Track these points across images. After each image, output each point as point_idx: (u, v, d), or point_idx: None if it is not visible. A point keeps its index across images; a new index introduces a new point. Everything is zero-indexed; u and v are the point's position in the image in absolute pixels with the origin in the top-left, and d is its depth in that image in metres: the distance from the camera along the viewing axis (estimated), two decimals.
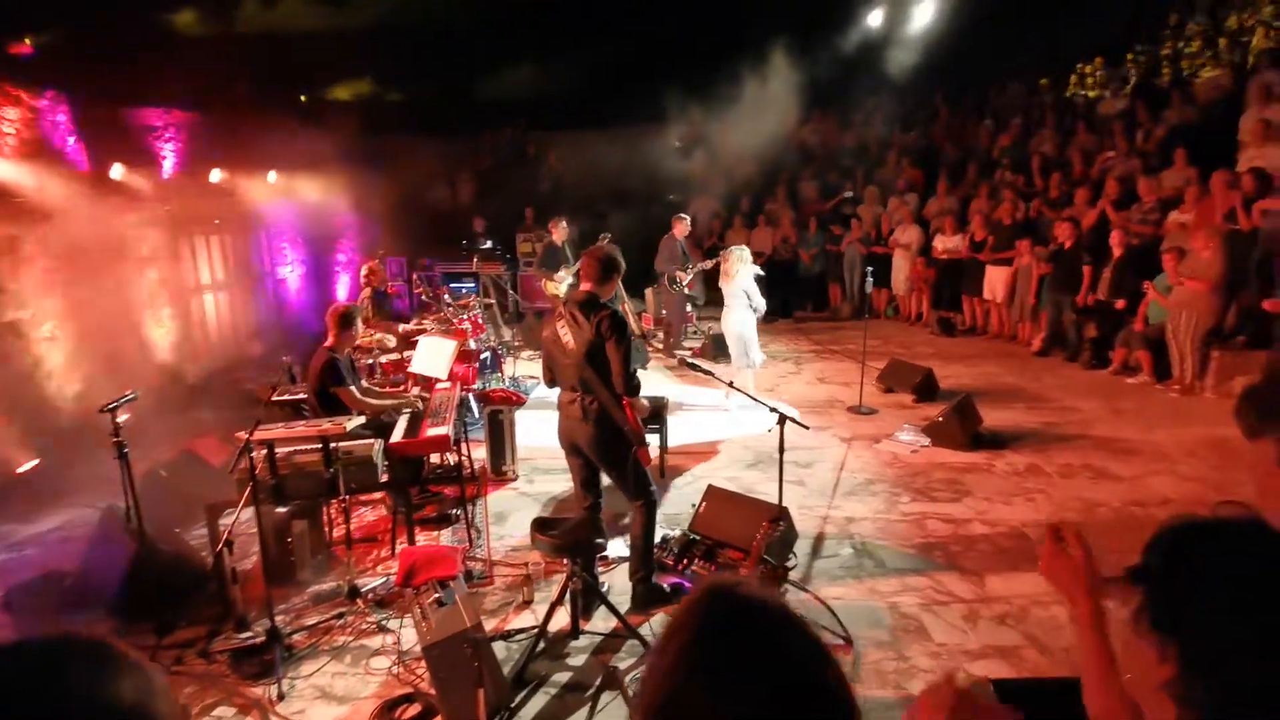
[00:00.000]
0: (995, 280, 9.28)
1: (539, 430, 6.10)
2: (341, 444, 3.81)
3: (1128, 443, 5.69)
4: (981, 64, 13.08)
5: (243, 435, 3.33)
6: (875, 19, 12.93)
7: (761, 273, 6.56)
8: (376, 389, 5.02)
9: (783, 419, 3.43)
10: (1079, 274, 8.02)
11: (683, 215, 8.90)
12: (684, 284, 8.98)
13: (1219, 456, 5.37)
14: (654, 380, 7.83)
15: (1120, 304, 7.70)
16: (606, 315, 3.34)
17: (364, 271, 6.96)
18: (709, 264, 9.17)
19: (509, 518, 4.67)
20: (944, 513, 4.58)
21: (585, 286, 3.46)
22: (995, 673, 2.91)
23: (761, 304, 6.35)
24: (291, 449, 3.78)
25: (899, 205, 11.12)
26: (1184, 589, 0.95)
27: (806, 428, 3.54)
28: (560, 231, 8.57)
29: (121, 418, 3.42)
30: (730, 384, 3.68)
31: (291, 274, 10.48)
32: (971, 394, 6.12)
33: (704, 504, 4.25)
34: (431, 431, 4.12)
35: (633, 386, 3.36)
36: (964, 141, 12.05)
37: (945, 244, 9.94)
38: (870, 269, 7.03)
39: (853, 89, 13.52)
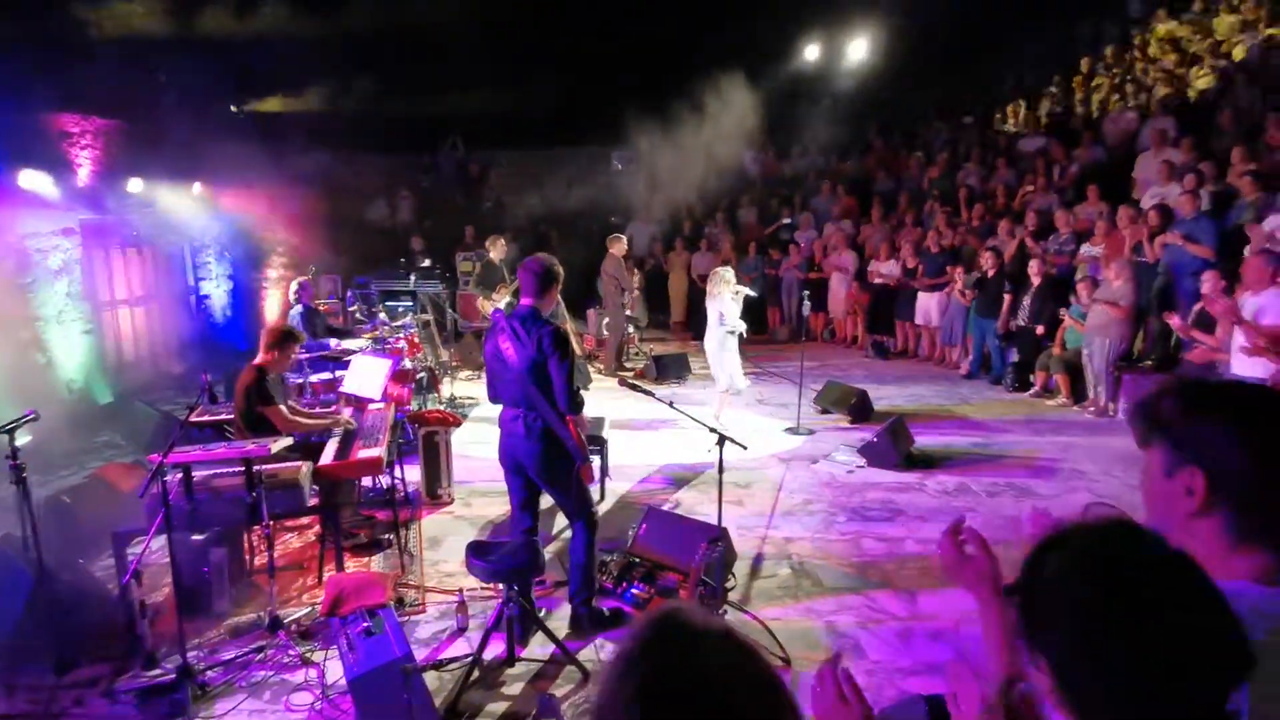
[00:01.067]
0: (928, 305, 9.64)
1: (476, 452, 5.99)
2: (266, 466, 3.65)
3: (1048, 462, 5.94)
4: (911, 99, 13.73)
5: (156, 458, 3.15)
6: (812, 53, 13.42)
7: (753, 293, 6.71)
8: (306, 409, 4.85)
9: (722, 439, 3.46)
10: (1001, 301, 8.42)
11: (619, 235, 8.96)
12: (627, 305, 9.02)
13: (1132, 473, 5.66)
14: (595, 401, 7.79)
15: (1040, 330, 8.11)
16: (549, 331, 3.32)
17: (293, 287, 6.74)
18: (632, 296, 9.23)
19: (444, 542, 4.55)
20: (879, 532, 4.66)
21: (526, 300, 3.43)
22: (930, 689, 2.96)
23: (734, 325, 6.48)
24: (211, 472, 3.60)
25: (835, 231, 11.47)
26: (1038, 602, 0.96)
27: (745, 448, 3.56)
28: (499, 249, 8.52)
29: (21, 440, 3.20)
30: (670, 403, 3.68)
31: (217, 290, 10.07)
32: (904, 415, 6.30)
33: (643, 525, 4.24)
34: (363, 453, 3.99)
35: (576, 403, 3.34)
36: (896, 172, 12.56)
37: (879, 269, 10.31)
38: (807, 293, 7.23)
39: (791, 120, 13.97)
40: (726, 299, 6.57)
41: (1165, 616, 0.88)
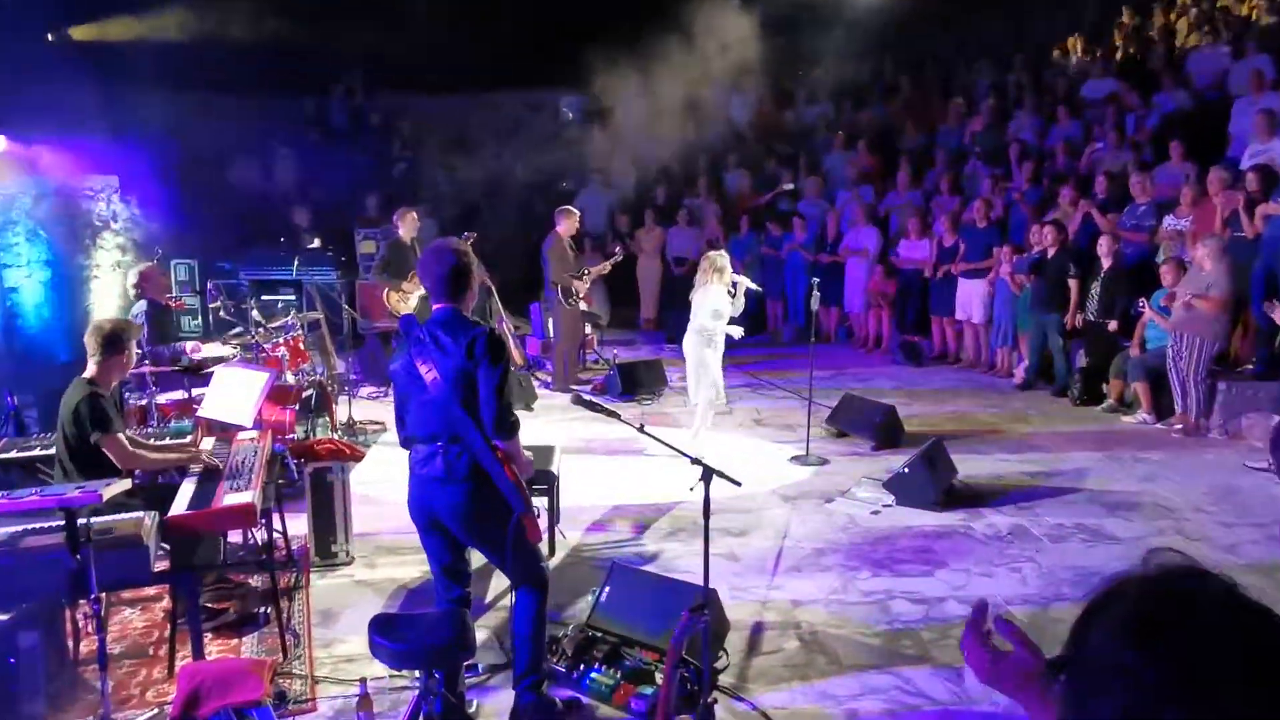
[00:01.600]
0: (971, 295, 9.82)
1: (383, 493, 5.95)
2: (97, 519, 3.57)
3: (1126, 495, 6.08)
4: (949, 30, 13.93)
5: None
6: None
7: (755, 287, 6.77)
8: (153, 440, 4.76)
9: (707, 473, 3.47)
10: (1065, 289, 8.59)
11: (569, 208, 8.99)
12: (580, 296, 9.03)
13: (1229, 510, 5.81)
14: (542, 425, 7.80)
15: (1113, 326, 8.29)
16: (482, 334, 3.32)
17: (132, 278, 6.61)
18: (605, 267, 9.31)
19: (340, 616, 4.50)
20: (913, 590, 4.72)
21: (439, 303, 3.42)
22: None
23: (729, 328, 6.60)
24: (19, 528, 3.50)
25: (851, 201, 11.64)
26: (1084, 675, 0.99)
27: (738, 484, 3.57)
28: (410, 226, 8.50)
29: None
30: (639, 426, 3.68)
31: (29, 281, 9.82)
32: (942, 438, 6.39)
33: (607, 589, 4.24)
34: (230, 499, 3.92)
35: (509, 425, 3.34)
36: (929, 123, 12.76)
37: (909, 250, 10.48)
38: (816, 280, 7.27)
39: (794, 55, 14.13)
40: (719, 293, 6.60)
41: (1224, 689, 0.90)
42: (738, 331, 6.67)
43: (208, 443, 4.80)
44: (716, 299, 6.57)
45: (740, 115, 14.08)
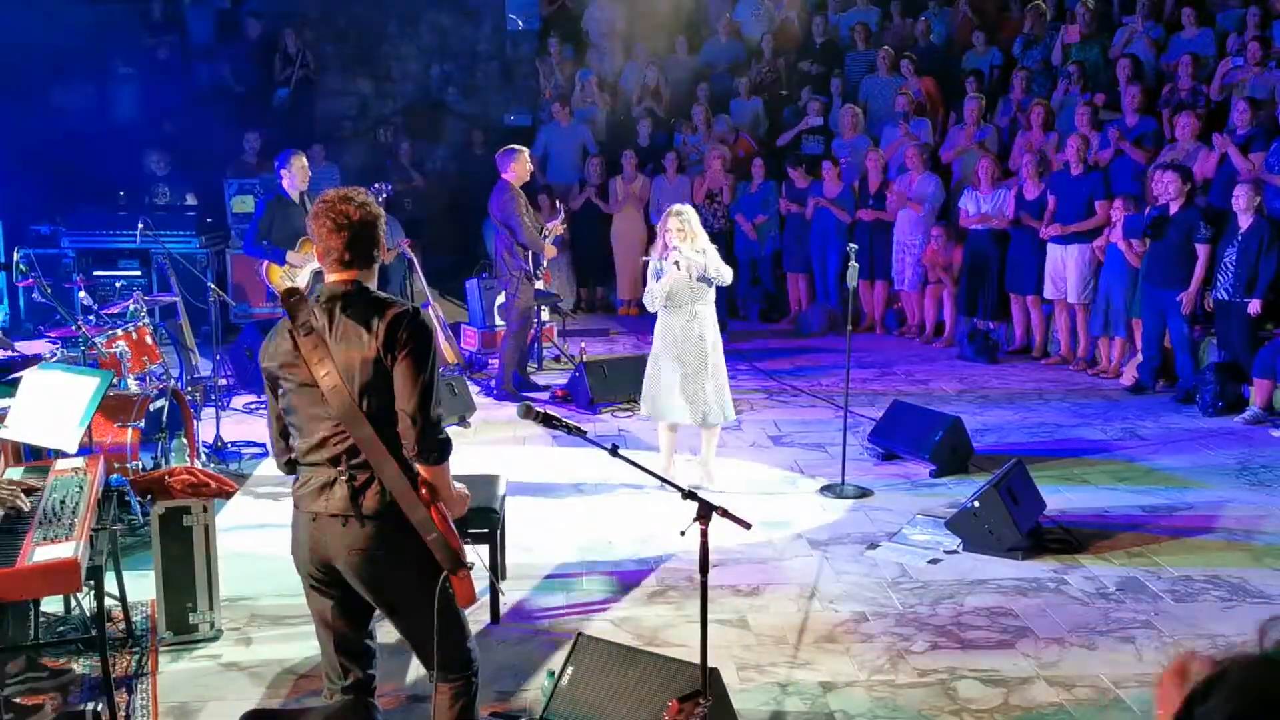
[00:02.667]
0: (1063, 266, 9.86)
1: (263, 543, 5.92)
2: None
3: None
4: None
5: None
6: None
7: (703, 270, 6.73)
8: None
9: (706, 511, 3.45)
10: (1192, 257, 8.64)
11: (519, 149, 8.94)
12: (538, 274, 9.00)
13: None
14: (483, 447, 7.77)
15: (1255, 307, 8.34)
16: (400, 317, 3.27)
17: None
18: (559, 227, 9.30)
19: (201, 714, 4.45)
20: (986, 668, 4.73)
21: (337, 274, 3.37)
22: None
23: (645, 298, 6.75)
24: None
25: (901, 140, 11.67)
26: None
27: (747, 526, 3.54)
28: (299, 174, 8.46)
29: None
30: (611, 448, 3.64)
31: None
32: (1025, 462, 6.40)
33: (570, 669, 4.22)
34: (42, 554, 3.85)
35: (437, 443, 3.30)
36: (1003, 34, 12.83)
37: (979, 206, 10.52)
38: (854, 248, 7.22)
39: None
40: (716, 255, 6.65)
41: None
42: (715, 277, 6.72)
43: (13, 473, 4.72)
44: (715, 262, 6.63)
45: (752, 25, 14.07)
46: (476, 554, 4.42)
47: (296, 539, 3.44)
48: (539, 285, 9.30)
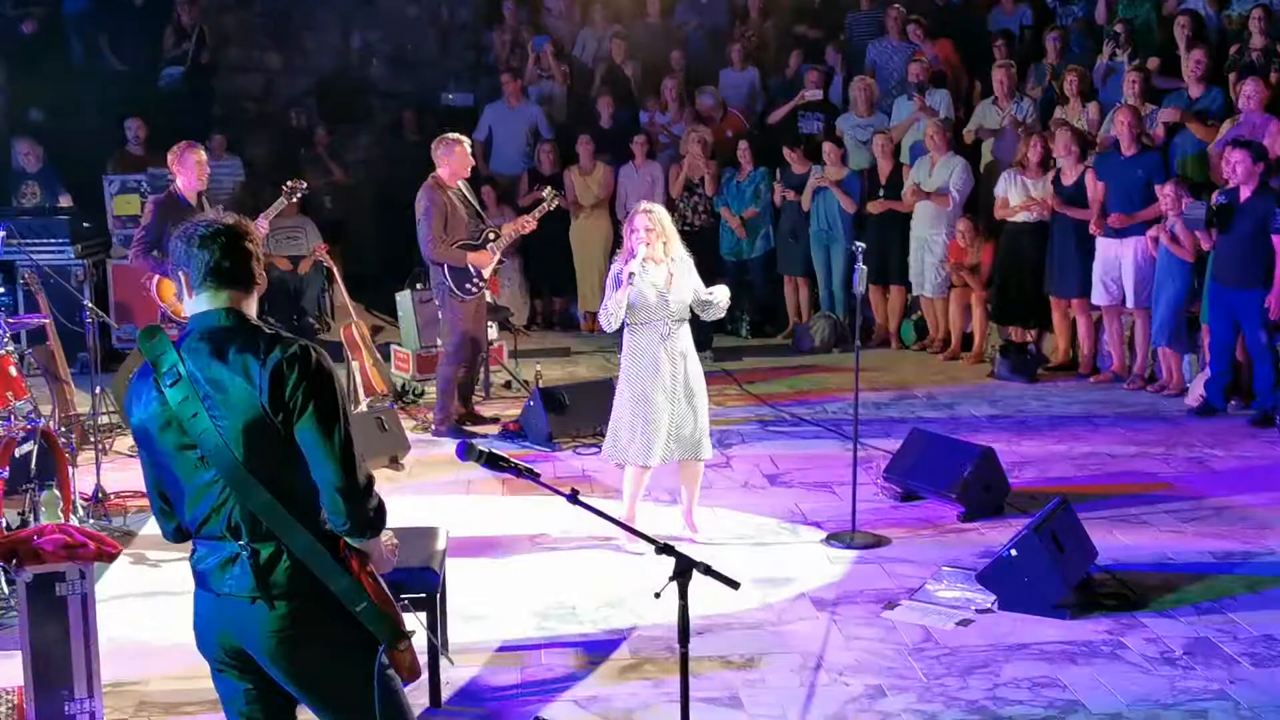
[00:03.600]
0: (1114, 265, 9.89)
1: (152, 616, 5.87)
2: None
3: None
4: None
5: None
6: None
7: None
8: None
9: (686, 566, 3.42)
10: (1268, 252, 8.67)
11: (456, 138, 8.89)
12: (481, 280, 8.93)
13: None
14: (416, 494, 7.73)
15: None
16: (288, 362, 3.20)
17: None
18: (526, 225, 9.21)
19: None
20: None
21: (208, 302, 3.32)
22: None
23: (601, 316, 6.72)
24: None
25: (917, 115, 11.72)
26: None
27: (735, 585, 3.51)
28: (195, 170, 8.44)
29: None
30: (571, 493, 3.61)
31: None
32: (1070, 500, 6.39)
33: None
34: None
35: (370, 516, 3.26)
36: None
37: (1013, 194, 10.54)
38: (861, 247, 7.21)
39: None
40: (691, 269, 6.66)
41: None
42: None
43: None
44: (688, 277, 6.59)
45: None
46: (417, 620, 4.38)
47: (200, 619, 3.41)
48: (488, 298, 9.25)
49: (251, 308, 3.38)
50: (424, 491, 7.83)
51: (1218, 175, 9.33)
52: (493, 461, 3.62)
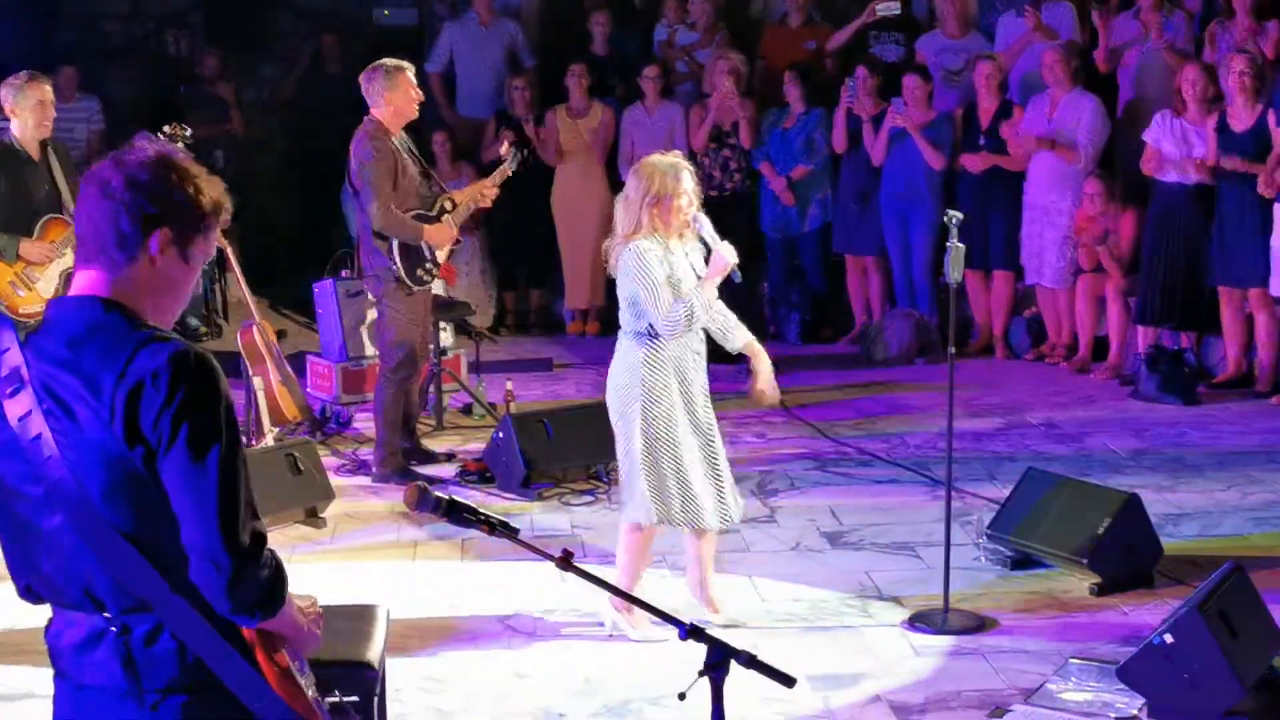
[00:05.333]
0: None
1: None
2: None
3: None
4: None
5: None
6: None
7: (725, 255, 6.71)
8: None
9: (721, 657, 3.44)
10: None
11: (398, 66, 8.84)
12: (433, 264, 8.93)
13: None
14: (344, 560, 7.77)
15: None
16: (158, 369, 3.20)
17: None
18: (485, 194, 9.19)
19: None
20: None
21: (87, 283, 3.33)
22: None
23: (664, 323, 6.56)
24: None
25: (1029, 38, 11.78)
26: None
27: (791, 683, 3.53)
28: (34, 113, 8.50)
29: None
30: (562, 557, 3.62)
31: None
32: (1243, 565, 6.38)
33: None
34: None
35: (257, 591, 3.23)
36: None
37: (1169, 145, 10.50)
38: (957, 216, 7.16)
39: None
40: (686, 264, 6.66)
41: None
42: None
43: None
44: (635, 271, 6.54)
45: None
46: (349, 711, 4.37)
47: (57, 716, 3.42)
48: (437, 290, 9.22)
49: (154, 306, 3.36)
50: (355, 556, 7.81)
51: None
52: (456, 513, 3.62)
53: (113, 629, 3.27)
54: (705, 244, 6.76)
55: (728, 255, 6.63)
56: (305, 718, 3.33)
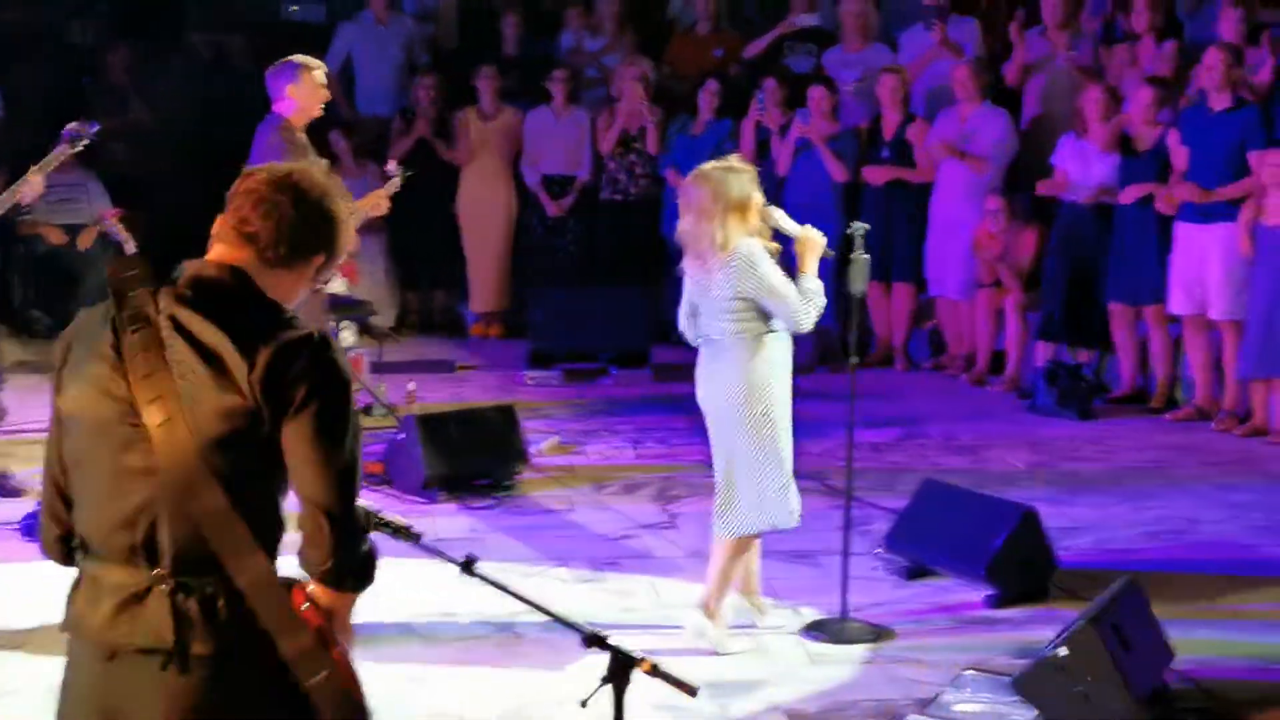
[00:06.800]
0: (1200, 261, 9.99)
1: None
2: None
3: None
4: None
5: None
6: None
7: (808, 233, 6.66)
8: None
9: (622, 666, 3.40)
10: None
11: (304, 62, 8.76)
12: (328, 272, 8.87)
13: None
14: None
15: None
16: (296, 346, 3.25)
17: None
18: (378, 201, 9.16)
19: None
20: None
21: (222, 251, 3.42)
22: None
23: (801, 316, 6.55)
24: None
25: (935, 53, 11.85)
26: None
27: (693, 692, 3.49)
28: None
29: None
30: (466, 561, 3.58)
31: None
32: (1142, 580, 6.44)
33: None
34: None
35: (360, 559, 3.34)
36: None
37: (1072, 163, 10.57)
38: (861, 228, 7.06)
39: None
40: (763, 258, 6.51)
41: None
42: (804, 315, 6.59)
43: None
44: (763, 269, 6.46)
45: None
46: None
47: (71, 689, 3.39)
48: (336, 288, 9.16)
49: (283, 285, 3.45)
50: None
51: None
52: (380, 525, 3.61)
53: (162, 587, 3.26)
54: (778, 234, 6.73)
55: (816, 236, 6.64)
56: (361, 706, 3.39)
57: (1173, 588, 7.13)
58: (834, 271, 11.38)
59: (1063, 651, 5.86)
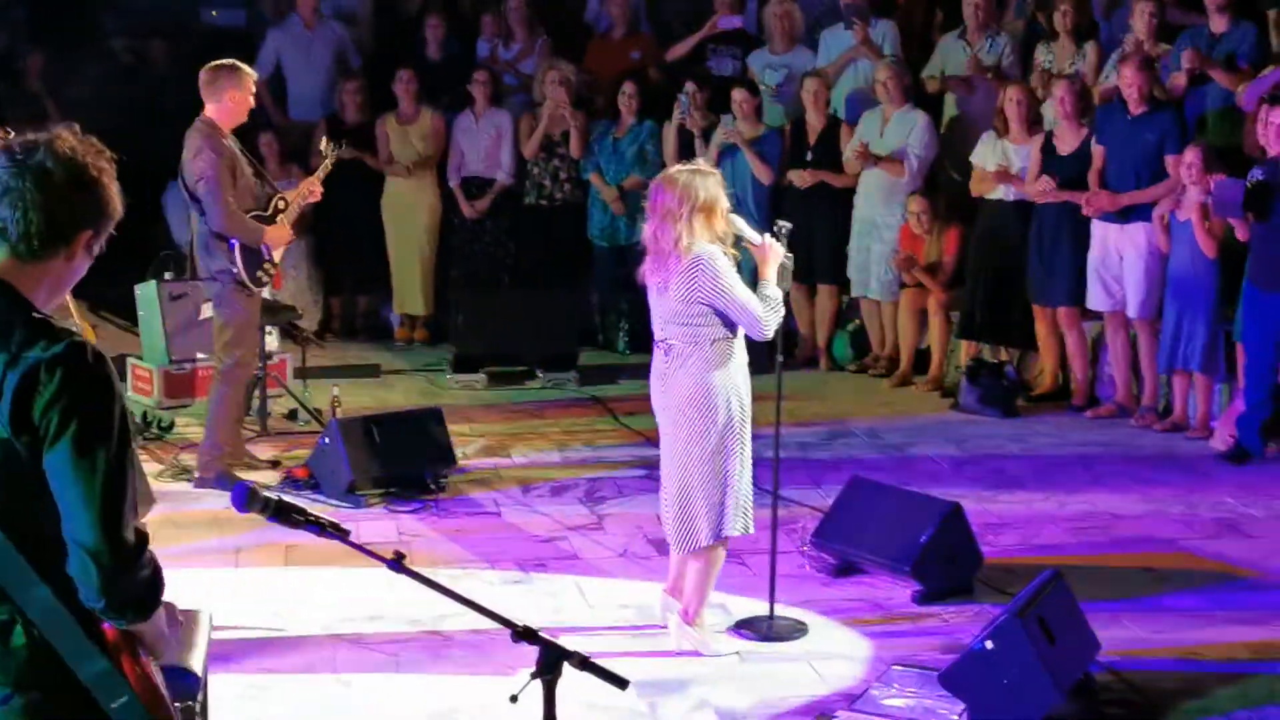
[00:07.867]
0: (1118, 260, 10.07)
1: None
2: None
3: None
4: None
5: None
6: None
7: (766, 240, 6.64)
8: None
9: (553, 659, 3.40)
10: None
11: (234, 67, 8.69)
12: (271, 265, 8.81)
13: None
14: (167, 567, 7.50)
15: None
16: (48, 364, 3.12)
17: None
18: (311, 189, 9.09)
19: None
20: None
21: None
22: None
23: (765, 324, 6.51)
24: None
25: (855, 53, 11.88)
26: None
27: (624, 685, 3.49)
28: None
29: None
30: (395, 559, 3.56)
31: None
32: (1067, 573, 6.46)
33: None
34: None
35: (136, 592, 3.22)
36: None
37: (1014, 162, 10.58)
38: (785, 227, 7.11)
39: None
40: (726, 266, 6.49)
41: None
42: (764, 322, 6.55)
43: None
44: (725, 277, 6.40)
45: None
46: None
47: None
48: (264, 293, 9.09)
49: (41, 284, 3.37)
50: (176, 563, 7.66)
51: (1251, 141, 9.54)
52: (284, 514, 3.56)
53: None
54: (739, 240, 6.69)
55: (776, 245, 6.61)
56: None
57: (1097, 581, 7.18)
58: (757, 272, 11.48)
59: (989, 645, 5.88)
